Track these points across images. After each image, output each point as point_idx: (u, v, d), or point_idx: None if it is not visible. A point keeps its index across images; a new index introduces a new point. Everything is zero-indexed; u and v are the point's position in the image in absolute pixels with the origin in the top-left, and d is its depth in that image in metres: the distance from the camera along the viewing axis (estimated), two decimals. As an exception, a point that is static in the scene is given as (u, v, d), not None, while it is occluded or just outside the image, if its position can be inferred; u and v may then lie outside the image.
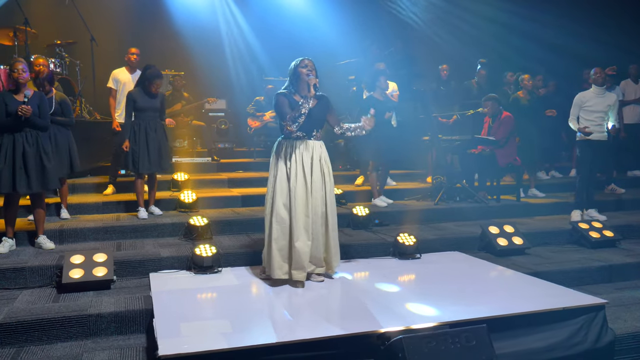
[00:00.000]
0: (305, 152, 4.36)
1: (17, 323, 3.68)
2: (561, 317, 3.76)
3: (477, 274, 4.73)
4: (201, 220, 5.56)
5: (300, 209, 4.27)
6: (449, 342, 2.95)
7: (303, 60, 4.38)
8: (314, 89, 4.26)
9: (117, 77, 6.95)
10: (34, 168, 4.85)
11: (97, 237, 5.49)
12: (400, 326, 3.32)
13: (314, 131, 4.41)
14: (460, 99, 8.36)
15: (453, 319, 3.48)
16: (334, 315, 3.74)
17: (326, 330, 3.33)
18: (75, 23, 8.54)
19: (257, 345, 3.13)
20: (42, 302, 4.10)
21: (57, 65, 8.04)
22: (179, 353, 3.03)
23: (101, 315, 3.83)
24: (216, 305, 4.02)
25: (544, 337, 3.68)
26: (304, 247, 4.27)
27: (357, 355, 3.24)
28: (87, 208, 6.30)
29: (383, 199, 6.79)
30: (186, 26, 9.86)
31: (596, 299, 3.95)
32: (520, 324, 3.67)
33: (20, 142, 4.83)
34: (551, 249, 5.82)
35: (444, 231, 6.05)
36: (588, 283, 5.03)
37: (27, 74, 4.93)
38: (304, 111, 4.21)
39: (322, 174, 4.41)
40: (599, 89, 6.45)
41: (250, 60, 10.38)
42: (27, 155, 4.83)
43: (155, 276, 4.65)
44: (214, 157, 8.73)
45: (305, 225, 4.29)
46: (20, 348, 3.63)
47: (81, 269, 4.38)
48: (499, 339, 3.55)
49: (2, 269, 4.46)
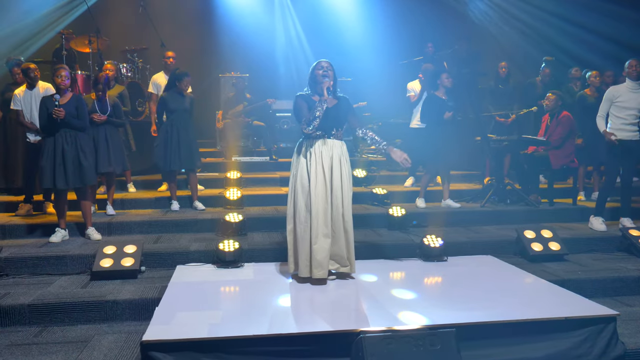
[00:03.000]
0: (324, 150, 4.39)
1: (42, 305, 4.09)
2: (564, 327, 3.58)
3: (494, 279, 4.58)
4: (236, 217, 5.80)
5: (320, 208, 4.32)
6: (411, 345, 2.92)
7: (320, 62, 4.44)
8: (327, 91, 4.31)
9: (156, 82, 7.31)
10: (72, 165, 5.30)
11: (142, 230, 5.89)
12: (383, 326, 3.32)
13: (333, 130, 4.42)
14: (521, 97, 8.03)
15: (440, 323, 3.42)
16: (324, 312, 3.78)
17: (306, 327, 3.41)
18: (147, 29, 9.10)
19: (233, 337, 3.27)
20: (72, 287, 4.49)
21: (128, 69, 8.63)
22: (160, 339, 3.24)
23: (116, 302, 4.15)
24: (220, 298, 4.18)
25: (542, 346, 3.52)
26: (324, 246, 4.31)
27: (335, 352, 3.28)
28: (141, 203, 6.77)
29: (422, 200, 6.71)
30: (248, 30, 10.21)
31: (607, 310, 3.71)
32: (519, 331, 3.54)
33: (60, 141, 5.29)
34: (595, 256, 5.49)
35: (481, 234, 5.88)
36: (625, 294, 4.73)
37: (69, 80, 5.39)
38: (319, 114, 4.26)
39: (340, 173, 4.42)
40: (633, 83, 5.91)
41: (308, 61, 10.55)
42: (65, 154, 5.28)
43: (182, 268, 4.92)
44: (273, 156, 8.98)
45: (325, 223, 4.33)
46: (44, 328, 4.02)
47: (111, 259, 4.75)
48: (490, 346, 3.47)
49: (47, 256, 4.94)
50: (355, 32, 10.34)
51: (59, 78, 5.35)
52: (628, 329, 3.96)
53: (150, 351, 3.21)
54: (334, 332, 3.33)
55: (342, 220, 4.40)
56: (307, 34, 10.85)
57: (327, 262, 4.34)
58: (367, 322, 3.47)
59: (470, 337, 3.43)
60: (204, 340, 3.26)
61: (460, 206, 6.62)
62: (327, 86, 4.32)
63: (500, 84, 8.02)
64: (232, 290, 4.36)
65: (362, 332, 3.13)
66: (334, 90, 4.46)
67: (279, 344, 3.27)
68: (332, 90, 4.44)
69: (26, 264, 4.89)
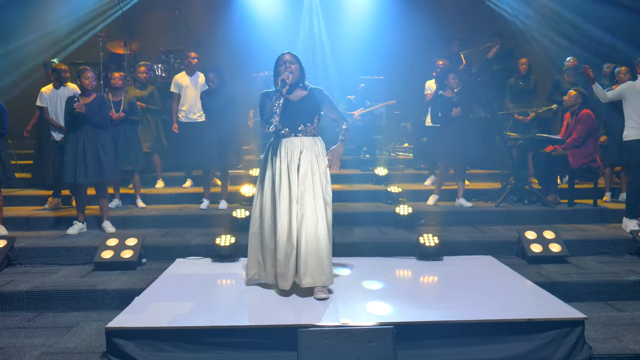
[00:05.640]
0: (291, 150, 4.03)
1: (38, 292, 4.41)
2: (527, 330, 3.51)
3: (479, 279, 4.48)
4: (243, 213, 5.98)
5: (284, 215, 3.94)
6: (347, 340, 2.97)
7: (282, 55, 4.06)
8: (282, 84, 3.93)
9: (178, 82, 7.53)
10: (92, 161, 5.64)
11: (155, 225, 6.19)
12: (329, 322, 3.37)
13: (300, 126, 4.05)
14: (543, 94, 7.79)
15: (388, 321, 3.42)
16: (281, 306, 3.81)
17: (257, 320, 3.55)
18: (183, 31, 9.47)
19: (189, 327, 3.43)
20: (73, 276, 4.81)
21: (162, 70, 9.01)
22: (123, 326, 3.45)
23: (106, 292, 4.42)
24: (199, 290, 4.25)
25: (502, 348, 3.46)
26: (288, 256, 3.92)
27: (284, 345, 3.38)
28: (162, 198, 7.12)
29: (434, 199, 6.66)
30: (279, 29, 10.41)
31: (575, 314, 3.60)
32: (478, 332, 3.51)
33: (82, 139, 5.65)
34: (602, 259, 5.28)
35: (486, 234, 5.78)
36: (620, 298, 4.55)
37: (95, 81, 5.75)
38: (276, 109, 3.92)
39: (311, 173, 4.00)
40: None
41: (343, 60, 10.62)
42: (86, 151, 5.64)
43: (180, 261, 5.14)
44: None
45: (289, 232, 3.93)
46: (39, 313, 4.34)
47: (112, 251, 5.04)
48: (444, 346, 3.46)
49: (57, 247, 5.31)
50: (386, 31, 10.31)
51: (86, 80, 5.72)
52: (605, 334, 3.84)
53: (114, 337, 3.43)
54: (277, 327, 3.43)
55: (315, 228, 3.91)
56: (334, 34, 10.92)
57: (291, 273, 3.93)
58: (318, 318, 3.49)
59: (424, 336, 3.44)
60: (162, 329, 3.44)
61: (472, 205, 6.53)
62: (281, 79, 3.95)
63: (520, 80, 7.81)
64: (215, 283, 4.50)
65: (302, 326, 3.21)
66: (298, 82, 4.07)
67: (232, 336, 3.41)
68: (297, 83, 4.06)
69: (38, 254, 5.26)
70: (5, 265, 5.08)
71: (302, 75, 4.11)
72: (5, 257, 5.09)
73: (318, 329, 3.12)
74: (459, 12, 10.32)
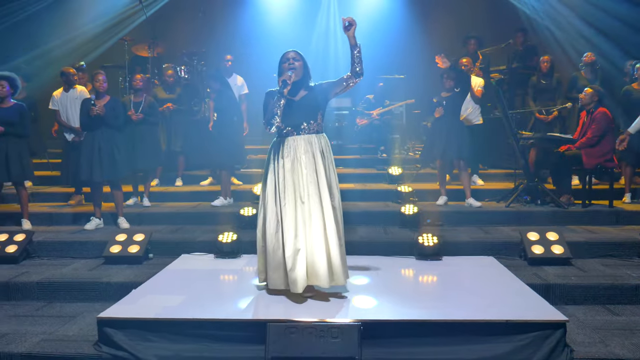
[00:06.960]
0: (295, 149, 3.96)
1: (48, 283, 4.66)
2: (506, 331, 3.51)
3: (472, 280, 4.50)
4: (250, 210, 6.13)
5: (290, 217, 3.88)
6: (313, 335, 3.06)
7: (286, 53, 4.01)
8: (283, 84, 3.85)
9: None
10: (107, 160, 5.89)
11: (168, 221, 6.40)
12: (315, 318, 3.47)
13: (302, 124, 3.97)
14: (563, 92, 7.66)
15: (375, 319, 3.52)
16: (260, 302, 3.92)
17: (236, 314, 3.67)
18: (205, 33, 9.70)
19: (173, 319, 3.59)
20: (83, 269, 5.05)
21: (186, 72, 9.24)
22: (112, 317, 3.64)
23: (109, 284, 4.63)
24: (195, 284, 4.40)
25: (479, 349, 3.47)
26: (298, 262, 3.83)
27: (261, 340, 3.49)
28: (178, 196, 7.34)
29: (443, 199, 6.66)
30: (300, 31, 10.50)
31: (557, 316, 3.58)
32: (455, 332, 3.53)
33: (98, 139, 5.91)
34: (608, 261, 5.17)
35: (490, 235, 5.75)
36: (620, 302, 4.46)
37: (106, 84, 5.99)
38: (277, 110, 3.84)
39: (316, 172, 3.94)
40: None
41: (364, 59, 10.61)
42: (102, 150, 5.89)
43: (184, 257, 5.31)
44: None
45: (296, 236, 3.86)
46: (48, 303, 4.59)
47: (120, 246, 5.26)
48: (422, 344, 3.50)
49: (72, 242, 5.58)
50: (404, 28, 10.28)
51: (97, 82, 5.97)
52: (592, 337, 3.79)
53: (104, 327, 3.62)
54: (248, 321, 3.55)
55: (323, 229, 3.87)
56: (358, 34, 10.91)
57: (303, 279, 3.83)
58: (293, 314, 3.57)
59: (402, 334, 3.49)
60: (150, 320, 3.61)
61: (480, 205, 6.49)
62: (282, 79, 3.87)
63: (542, 78, 7.69)
64: (212, 278, 4.63)
65: (271, 321, 3.32)
66: (302, 80, 4.01)
67: (213, 328, 3.54)
68: (301, 81, 3.99)
69: (55, 248, 5.53)
70: (24, 258, 5.38)
71: (307, 73, 4.05)
72: (24, 250, 5.39)
73: (285, 324, 3.22)
74: (480, 10, 10.20)
